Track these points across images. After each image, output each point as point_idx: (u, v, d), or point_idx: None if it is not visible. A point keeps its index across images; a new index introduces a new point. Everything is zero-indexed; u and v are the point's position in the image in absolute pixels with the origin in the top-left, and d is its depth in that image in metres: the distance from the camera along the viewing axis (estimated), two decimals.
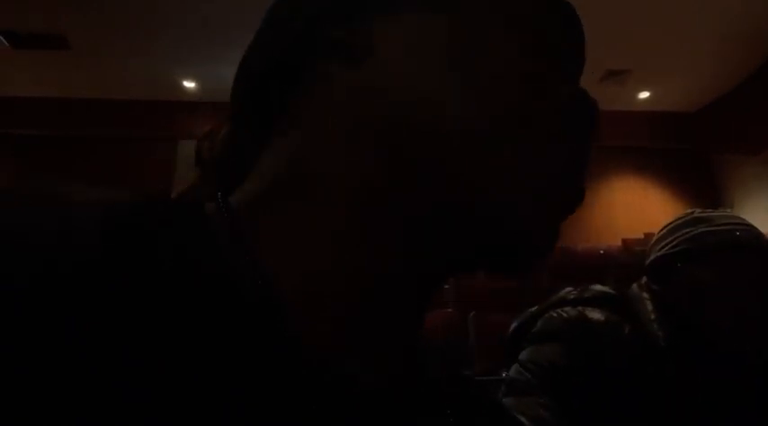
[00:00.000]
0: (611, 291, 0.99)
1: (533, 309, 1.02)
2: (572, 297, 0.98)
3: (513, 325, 1.03)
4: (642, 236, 6.51)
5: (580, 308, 0.93)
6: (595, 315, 0.91)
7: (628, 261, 4.40)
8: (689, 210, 1.01)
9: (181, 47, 5.66)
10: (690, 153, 7.53)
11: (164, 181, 6.83)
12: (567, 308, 0.94)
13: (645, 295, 0.95)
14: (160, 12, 5.02)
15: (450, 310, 2.46)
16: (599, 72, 6.24)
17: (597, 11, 5.00)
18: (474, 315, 2.22)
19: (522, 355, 0.91)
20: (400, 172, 0.26)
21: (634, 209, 7.35)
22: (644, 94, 7.05)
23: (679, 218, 0.99)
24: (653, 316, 0.90)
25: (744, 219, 0.95)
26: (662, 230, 1.00)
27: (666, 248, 0.95)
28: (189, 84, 6.63)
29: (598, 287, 1.00)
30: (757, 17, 5.17)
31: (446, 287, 3.05)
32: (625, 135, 7.37)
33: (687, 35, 5.51)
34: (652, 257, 0.99)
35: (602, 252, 5.99)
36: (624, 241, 6.52)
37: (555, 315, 0.94)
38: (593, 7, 4.93)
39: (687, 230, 0.93)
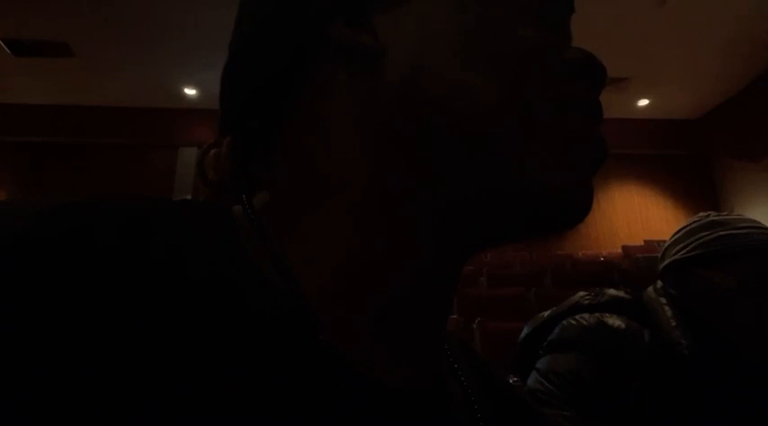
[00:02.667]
0: (626, 296, 0.96)
1: (546, 314, 0.98)
2: (587, 302, 0.94)
3: (526, 331, 1.00)
4: (642, 243, 6.51)
5: (598, 315, 0.90)
6: (614, 321, 0.87)
7: (629, 268, 4.39)
8: (704, 213, 0.98)
9: (182, 54, 5.69)
10: (690, 160, 7.54)
11: (164, 186, 6.85)
12: (584, 315, 0.90)
13: (662, 300, 0.91)
14: (162, 19, 5.06)
15: (455, 317, 2.45)
16: None
17: (596, 19, 5.02)
18: (479, 322, 2.21)
19: (541, 364, 0.88)
20: (429, 165, 0.26)
21: (634, 217, 7.35)
22: (644, 102, 7.07)
23: (695, 221, 0.96)
24: (674, 323, 0.86)
25: (760, 223, 0.91)
26: (677, 233, 0.97)
27: (683, 252, 0.92)
28: (190, 91, 6.66)
29: (612, 291, 0.97)
30: (758, 25, 5.19)
31: None
32: (625, 142, 7.39)
33: (687, 43, 5.54)
34: (667, 261, 0.95)
35: (602, 259, 5.98)
36: (625, 248, 6.52)
37: (573, 322, 0.90)
38: (591, 15, 4.96)
39: (704, 233, 0.90)
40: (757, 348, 0.81)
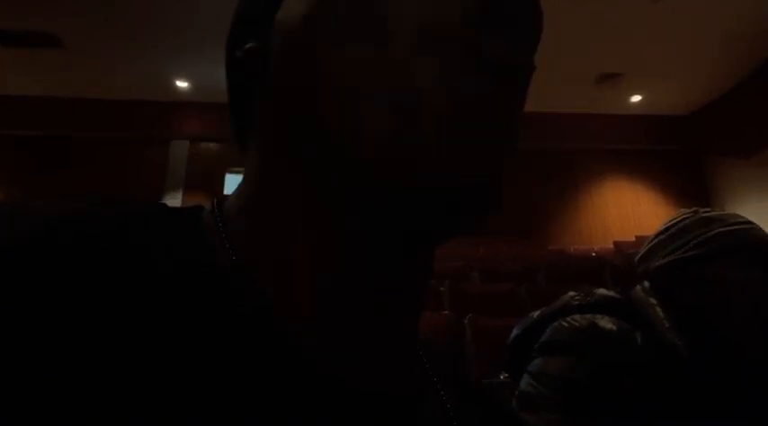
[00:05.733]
0: (616, 296, 0.95)
1: (536, 314, 0.97)
2: (576, 302, 0.93)
3: (516, 331, 0.98)
4: (633, 239, 6.55)
5: (589, 316, 0.88)
6: (606, 324, 0.86)
7: (621, 264, 4.42)
8: (688, 210, 0.95)
9: (174, 46, 5.64)
10: (682, 156, 7.59)
11: (156, 178, 6.80)
12: (575, 317, 0.89)
13: (652, 300, 0.89)
14: (154, 11, 5.01)
15: (446, 313, 2.45)
16: (593, 75, 6.28)
17: (589, 15, 5.03)
18: (470, 318, 2.22)
19: (533, 366, 0.87)
20: (329, 165, 0.26)
21: (626, 212, 7.40)
22: (636, 98, 7.10)
23: (683, 219, 0.93)
24: (668, 324, 0.84)
25: (749, 219, 0.89)
26: (665, 232, 0.94)
27: (679, 251, 0.89)
28: (182, 84, 6.61)
29: (603, 291, 0.96)
30: (752, 23, 5.21)
31: (442, 289, 3.05)
32: (618, 138, 7.42)
33: (679, 40, 5.56)
34: (661, 261, 0.92)
35: (594, 254, 6.01)
36: (616, 244, 6.55)
37: (565, 324, 0.89)
38: (585, 11, 4.96)
39: (701, 231, 0.88)
40: (759, 346, 0.80)
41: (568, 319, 0.89)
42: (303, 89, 0.26)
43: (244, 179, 0.31)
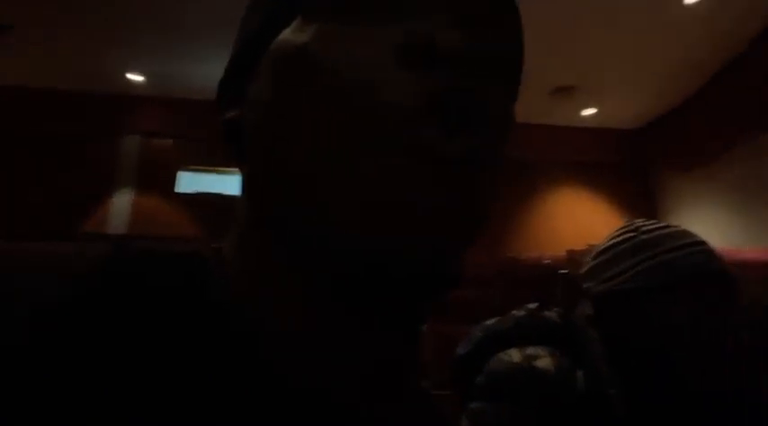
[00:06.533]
0: (557, 320, 0.91)
1: (477, 335, 0.94)
2: (522, 322, 0.90)
3: (460, 351, 0.96)
4: (586, 247, 6.76)
5: (530, 352, 0.85)
6: (545, 362, 0.83)
7: (573, 272, 4.53)
8: (629, 226, 0.91)
9: (127, 37, 5.41)
10: (632, 167, 7.91)
11: (104, 176, 6.50)
12: (514, 355, 0.85)
13: (593, 333, 0.86)
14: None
15: None
16: (547, 87, 6.45)
17: (543, 28, 5.16)
18: (428, 327, 2.21)
19: (471, 408, 0.85)
20: (282, 232, 0.28)
21: (578, 221, 7.63)
22: (590, 111, 7.35)
23: (621, 240, 0.89)
24: (606, 370, 0.80)
25: (690, 233, 0.86)
26: (603, 253, 0.91)
27: (618, 280, 0.85)
28: (135, 77, 6.35)
29: (547, 314, 0.93)
30: (696, 49, 5.49)
31: None
32: (571, 149, 7.65)
33: (631, 55, 5.79)
34: (599, 287, 0.88)
35: (547, 262, 6.15)
36: (569, 252, 6.74)
37: (501, 367, 0.85)
38: (539, 24, 5.09)
39: (640, 259, 0.84)
40: (717, 383, 0.77)
41: (505, 359, 0.87)
42: (265, 166, 0.28)
43: (234, 216, 0.33)
